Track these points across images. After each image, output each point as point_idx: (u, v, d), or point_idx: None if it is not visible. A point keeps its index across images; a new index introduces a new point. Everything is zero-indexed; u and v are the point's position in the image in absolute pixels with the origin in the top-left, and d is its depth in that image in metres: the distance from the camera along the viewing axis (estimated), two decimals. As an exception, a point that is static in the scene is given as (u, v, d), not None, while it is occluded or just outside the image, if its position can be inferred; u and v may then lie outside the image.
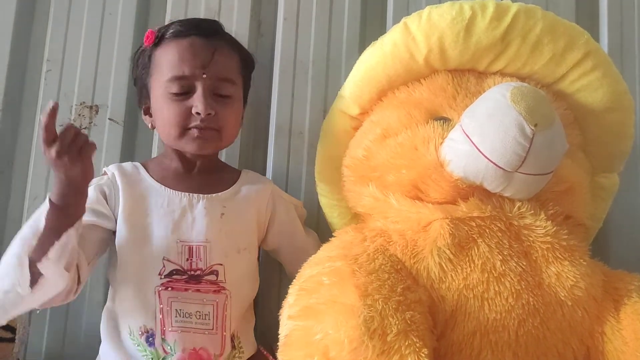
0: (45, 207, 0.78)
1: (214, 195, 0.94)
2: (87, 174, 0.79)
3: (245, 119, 1.10)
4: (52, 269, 0.78)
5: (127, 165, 0.97)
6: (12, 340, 0.97)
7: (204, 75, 0.91)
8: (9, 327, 0.96)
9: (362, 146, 0.92)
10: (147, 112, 0.98)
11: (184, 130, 0.92)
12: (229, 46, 0.97)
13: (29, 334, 1.04)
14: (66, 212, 0.79)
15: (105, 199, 0.91)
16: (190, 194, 0.93)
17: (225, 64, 0.95)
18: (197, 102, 0.91)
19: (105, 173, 0.95)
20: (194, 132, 0.92)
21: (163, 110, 0.93)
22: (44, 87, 1.14)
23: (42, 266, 0.77)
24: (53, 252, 0.77)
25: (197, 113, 0.91)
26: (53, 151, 0.75)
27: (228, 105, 0.94)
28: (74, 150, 0.76)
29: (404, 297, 0.71)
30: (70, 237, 0.79)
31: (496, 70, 0.92)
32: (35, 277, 0.77)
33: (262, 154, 1.15)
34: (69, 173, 0.77)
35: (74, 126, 0.77)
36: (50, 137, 0.75)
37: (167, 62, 0.93)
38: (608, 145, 0.94)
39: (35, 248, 0.77)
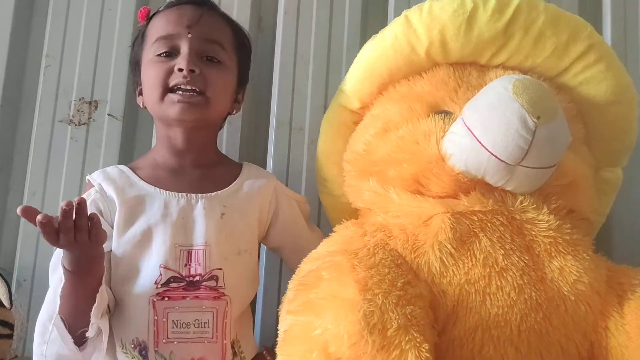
0: (60, 277, 0.77)
1: (213, 194, 0.90)
2: (103, 241, 0.77)
3: (245, 114, 1.09)
4: (97, 325, 0.79)
5: (113, 170, 0.92)
6: (10, 336, 0.96)
7: (189, 35, 0.89)
8: (7, 324, 0.96)
9: (362, 140, 0.91)
10: (141, 92, 0.96)
11: (165, 90, 0.88)
12: (222, 18, 0.96)
13: (28, 331, 1.04)
14: (89, 275, 0.78)
15: (102, 216, 0.86)
16: (188, 194, 0.89)
17: (214, 28, 0.93)
18: (181, 59, 0.88)
19: (89, 183, 0.91)
20: (175, 97, 0.88)
21: (149, 75, 0.90)
22: (43, 83, 1.13)
23: (90, 332, 0.78)
24: (94, 318, 0.78)
25: (180, 69, 0.87)
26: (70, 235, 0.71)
27: (216, 68, 0.91)
28: (84, 229, 0.72)
29: (405, 292, 0.70)
30: (101, 294, 0.79)
31: (498, 63, 0.91)
32: (80, 339, 0.79)
33: (262, 150, 1.14)
34: (87, 250, 0.75)
35: (68, 208, 0.71)
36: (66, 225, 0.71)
37: (155, 29, 0.92)
38: (612, 139, 0.93)
39: (75, 320, 0.78)
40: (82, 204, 0.72)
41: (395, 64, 0.91)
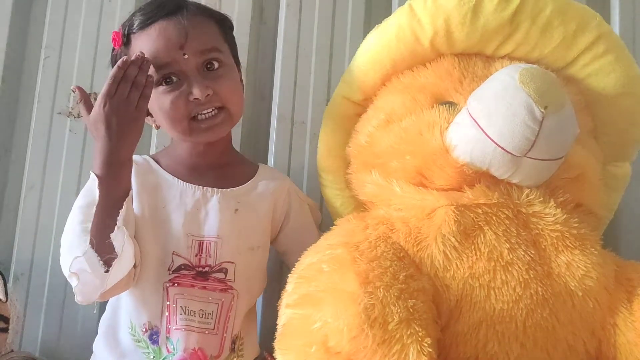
0: (93, 183, 0.78)
1: (228, 190, 0.91)
2: (140, 128, 0.81)
3: (246, 108, 1.07)
4: (121, 238, 0.77)
5: (136, 157, 0.91)
6: (6, 330, 0.95)
7: (185, 56, 0.86)
8: (2, 317, 0.95)
9: (365, 132, 0.89)
10: (148, 113, 0.90)
11: (189, 122, 0.87)
12: (201, 15, 0.91)
13: (24, 324, 1.03)
14: (116, 182, 0.79)
15: None
16: (204, 188, 0.90)
17: (203, 35, 0.88)
18: (192, 88, 0.86)
19: None
20: (203, 124, 0.87)
21: (161, 108, 0.87)
22: (42, 74, 1.13)
23: (115, 236, 0.76)
24: (120, 221, 0.77)
25: (196, 99, 0.86)
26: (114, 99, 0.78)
27: (223, 76, 0.89)
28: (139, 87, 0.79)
29: (407, 285, 0.69)
30: (128, 203, 0.80)
31: (504, 54, 0.88)
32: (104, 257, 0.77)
33: (264, 144, 1.13)
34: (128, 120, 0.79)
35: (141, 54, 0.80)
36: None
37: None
38: (620, 132, 0.91)
39: (99, 223, 0.78)
40: (149, 61, 0.81)
41: (398, 55, 0.88)
